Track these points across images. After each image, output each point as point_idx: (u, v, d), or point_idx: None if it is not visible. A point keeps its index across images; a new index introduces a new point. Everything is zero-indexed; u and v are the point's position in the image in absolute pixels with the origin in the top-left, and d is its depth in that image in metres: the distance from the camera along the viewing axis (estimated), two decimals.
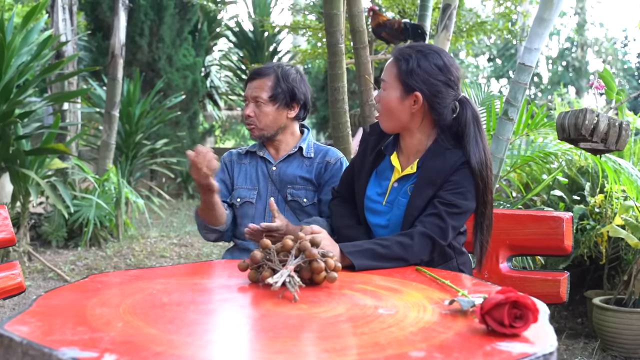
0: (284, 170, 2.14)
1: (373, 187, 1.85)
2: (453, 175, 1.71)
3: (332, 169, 2.13)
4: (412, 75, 1.73)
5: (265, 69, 2.13)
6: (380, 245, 1.60)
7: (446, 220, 1.67)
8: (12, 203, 5.11)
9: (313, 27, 6.18)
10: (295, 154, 2.16)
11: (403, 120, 1.77)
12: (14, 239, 1.93)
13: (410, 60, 1.74)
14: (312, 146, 2.18)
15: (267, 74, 2.10)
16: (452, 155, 1.73)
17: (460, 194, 1.70)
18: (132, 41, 8.81)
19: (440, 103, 1.74)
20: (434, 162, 1.74)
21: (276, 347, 0.96)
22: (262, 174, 2.17)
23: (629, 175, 3.19)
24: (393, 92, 1.76)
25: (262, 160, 2.18)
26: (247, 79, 2.15)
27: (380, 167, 1.86)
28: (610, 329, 3.05)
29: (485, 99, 3.87)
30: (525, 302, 1.03)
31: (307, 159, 2.15)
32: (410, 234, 1.65)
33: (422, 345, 0.96)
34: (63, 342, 0.93)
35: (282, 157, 2.16)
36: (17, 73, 4.75)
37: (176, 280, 1.39)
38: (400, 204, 1.77)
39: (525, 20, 7.08)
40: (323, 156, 2.16)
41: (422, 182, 1.74)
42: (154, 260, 5.19)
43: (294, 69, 2.16)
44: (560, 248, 1.98)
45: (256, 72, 2.13)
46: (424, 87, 1.73)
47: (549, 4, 2.89)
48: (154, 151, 7.81)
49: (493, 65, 20.18)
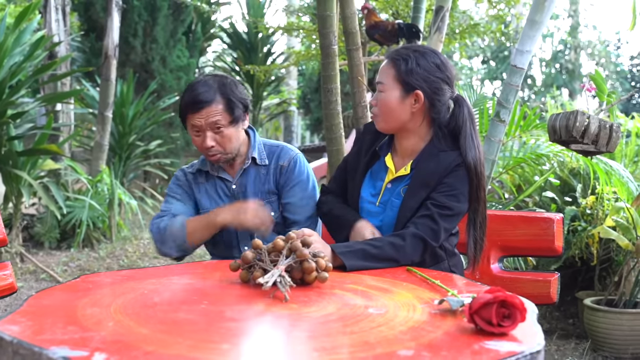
0: (245, 187, 2.03)
1: (367, 188, 1.86)
2: (446, 178, 1.73)
3: (286, 172, 2.02)
4: (412, 74, 1.74)
5: (205, 93, 1.91)
6: (372, 245, 1.61)
7: (438, 222, 1.69)
8: (5, 204, 5.09)
9: (307, 29, 6.19)
10: (250, 166, 2.03)
11: (403, 121, 1.78)
12: (6, 239, 1.93)
13: (409, 60, 1.75)
14: (263, 150, 2.06)
15: (211, 98, 1.91)
16: (447, 157, 1.74)
17: (453, 196, 1.71)
18: (125, 42, 8.79)
19: (440, 100, 1.76)
20: (428, 164, 1.75)
21: (267, 346, 0.97)
22: (224, 194, 2.05)
23: (620, 177, 3.21)
24: (392, 93, 1.76)
25: (220, 180, 2.05)
26: (186, 111, 1.93)
27: (375, 167, 1.87)
28: (601, 330, 3.06)
29: (477, 101, 3.89)
30: (513, 301, 1.04)
31: (262, 167, 2.04)
32: (402, 235, 1.66)
33: (411, 344, 0.97)
34: (53, 341, 0.94)
35: (239, 172, 2.03)
36: (10, 74, 4.74)
37: (167, 281, 1.40)
38: (393, 205, 1.78)
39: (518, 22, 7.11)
40: (276, 160, 2.04)
41: (415, 184, 1.75)
42: (146, 262, 5.19)
43: (223, 77, 1.98)
44: (551, 249, 2.00)
45: (197, 101, 1.90)
46: (425, 85, 1.74)
47: (540, 6, 2.91)
48: (147, 152, 7.81)
49: (487, 68, 20.26)
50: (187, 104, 1.93)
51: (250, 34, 11.18)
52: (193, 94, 1.93)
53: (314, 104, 12.24)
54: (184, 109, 1.95)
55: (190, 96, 1.93)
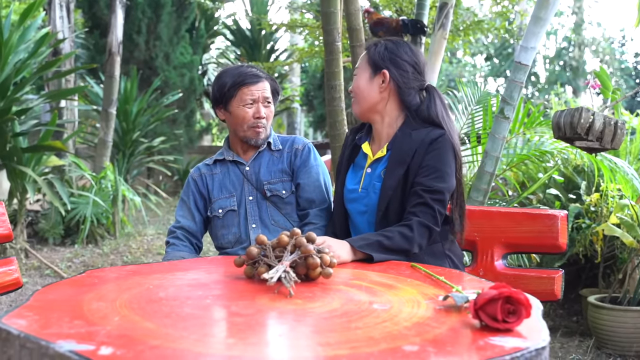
0: (258, 168, 2.13)
1: (350, 178, 1.95)
2: (426, 157, 1.79)
3: (301, 155, 2.15)
4: (379, 55, 1.88)
5: (257, 71, 2.12)
6: (386, 237, 1.68)
7: (434, 207, 1.76)
8: (9, 200, 5.11)
9: (310, 26, 6.18)
10: (264, 150, 2.16)
11: (372, 101, 1.88)
12: (11, 235, 1.94)
13: (378, 44, 1.90)
14: (277, 139, 2.19)
15: (264, 76, 2.11)
16: (419, 134, 1.83)
17: (439, 178, 1.78)
18: (129, 39, 8.80)
19: (406, 83, 1.87)
20: (402, 143, 1.83)
21: (271, 342, 0.97)
22: (236, 178, 2.14)
23: (624, 174, 3.20)
24: (363, 74, 1.90)
25: (234, 164, 2.16)
26: (245, 82, 2.08)
27: (357, 159, 1.97)
28: (605, 327, 3.06)
29: (481, 98, 3.88)
30: (518, 297, 1.04)
31: (276, 151, 2.16)
32: (410, 225, 1.73)
33: (416, 339, 0.97)
34: (60, 335, 0.94)
35: (253, 156, 2.15)
36: (14, 70, 4.75)
37: (172, 276, 1.40)
38: (375, 188, 1.85)
39: (522, 19, 7.08)
40: (290, 145, 2.17)
41: (392, 163, 1.83)
42: (150, 258, 5.20)
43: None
44: (555, 246, 1.99)
45: (255, 74, 2.10)
46: (391, 66, 1.87)
47: (545, 3, 2.90)
48: (151, 149, 7.81)
49: (490, 64, 20.21)
50: (246, 75, 2.08)
51: (254, 31, 11.19)
52: (245, 69, 2.10)
53: (317, 100, 12.23)
54: (239, 81, 2.07)
55: (244, 71, 2.09)
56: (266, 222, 2.10)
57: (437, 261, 1.79)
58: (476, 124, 3.69)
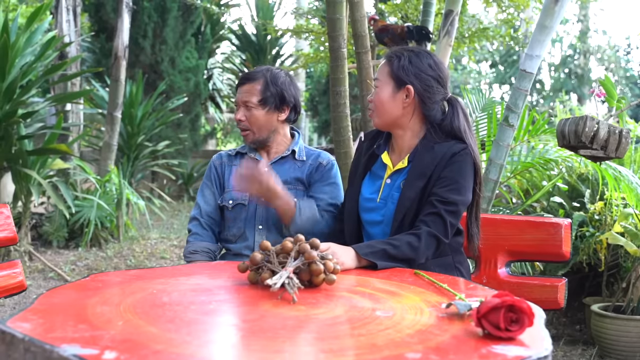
0: (276, 171, 2.12)
1: (367, 187, 1.92)
2: (445, 170, 1.78)
3: (323, 170, 2.14)
4: (404, 70, 1.83)
5: (254, 73, 2.13)
6: (392, 245, 1.67)
7: (446, 218, 1.74)
8: (14, 203, 5.12)
9: (316, 31, 6.20)
10: (288, 157, 2.17)
11: (395, 115, 1.85)
12: (16, 238, 1.94)
13: (402, 57, 1.85)
14: (303, 150, 2.20)
15: (256, 78, 2.11)
16: (441, 147, 1.81)
17: (456, 190, 1.76)
18: (135, 43, 8.83)
19: (430, 98, 1.84)
20: (424, 156, 1.82)
21: (274, 347, 0.97)
22: None
23: (629, 183, 3.19)
24: (385, 87, 1.85)
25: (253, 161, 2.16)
26: (237, 84, 2.16)
27: (374, 168, 1.94)
28: (608, 336, 3.05)
29: (486, 105, 3.88)
30: (521, 306, 1.04)
31: (299, 161, 2.17)
32: (418, 235, 1.71)
33: (419, 347, 0.97)
34: (64, 339, 0.95)
35: (275, 159, 2.16)
36: (21, 73, 4.77)
37: (176, 281, 1.40)
38: (394, 199, 1.84)
39: (527, 27, 7.09)
40: (315, 158, 2.17)
41: (413, 175, 1.81)
42: (154, 262, 5.20)
43: (283, 72, 2.16)
44: (558, 254, 1.99)
45: (245, 77, 2.13)
46: (415, 81, 1.82)
47: (550, 11, 2.91)
48: (155, 153, 7.83)
49: (495, 72, 20.20)
50: (240, 78, 2.16)
51: (259, 36, 11.21)
52: (245, 73, 2.17)
53: (322, 106, 12.24)
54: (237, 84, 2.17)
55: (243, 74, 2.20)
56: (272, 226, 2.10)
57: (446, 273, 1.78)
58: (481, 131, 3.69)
